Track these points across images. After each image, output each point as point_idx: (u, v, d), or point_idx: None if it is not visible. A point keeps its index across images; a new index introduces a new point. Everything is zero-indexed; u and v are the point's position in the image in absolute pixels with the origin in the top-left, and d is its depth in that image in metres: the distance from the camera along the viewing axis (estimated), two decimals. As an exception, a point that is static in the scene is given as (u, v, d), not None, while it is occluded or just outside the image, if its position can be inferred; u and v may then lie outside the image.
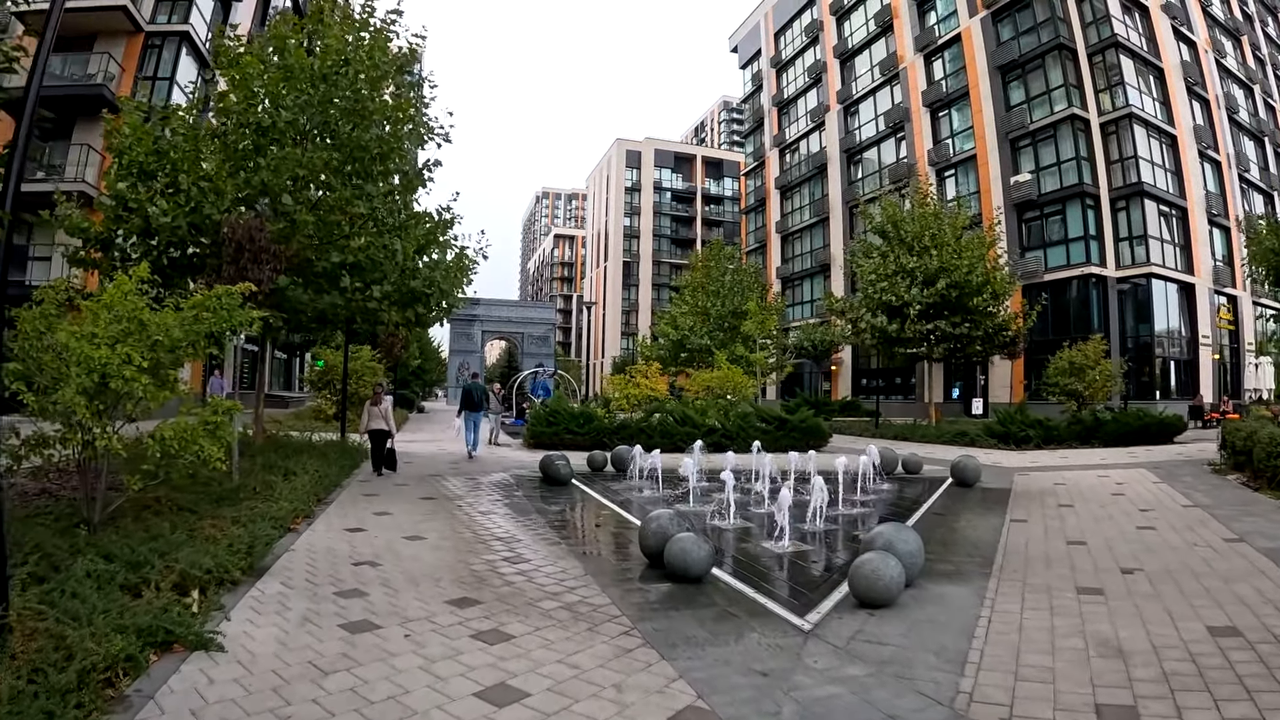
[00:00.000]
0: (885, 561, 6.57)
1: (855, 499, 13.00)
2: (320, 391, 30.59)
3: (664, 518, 8.18)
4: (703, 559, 7.34)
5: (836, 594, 6.88)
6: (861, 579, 6.51)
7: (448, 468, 16.98)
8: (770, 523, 10.08)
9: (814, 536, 9.84)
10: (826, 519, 10.46)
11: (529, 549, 8.74)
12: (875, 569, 6.49)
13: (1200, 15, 47.31)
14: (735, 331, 43.32)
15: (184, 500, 9.25)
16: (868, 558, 6.66)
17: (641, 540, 8.19)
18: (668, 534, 7.72)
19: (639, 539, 8.28)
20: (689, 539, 7.42)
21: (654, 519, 8.20)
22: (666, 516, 8.22)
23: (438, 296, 15.17)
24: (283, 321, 13.88)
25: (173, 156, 12.89)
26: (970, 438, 26.13)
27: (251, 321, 8.30)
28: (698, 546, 7.35)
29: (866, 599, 6.48)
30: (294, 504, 9.92)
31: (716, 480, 12.05)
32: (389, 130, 14.64)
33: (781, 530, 9.08)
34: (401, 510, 10.98)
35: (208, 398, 7.63)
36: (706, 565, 7.39)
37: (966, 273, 29.51)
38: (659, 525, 8.05)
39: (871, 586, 6.45)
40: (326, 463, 13.93)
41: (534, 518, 10.93)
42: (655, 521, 8.13)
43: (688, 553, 7.27)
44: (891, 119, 51.61)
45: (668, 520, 8.13)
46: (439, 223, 15.50)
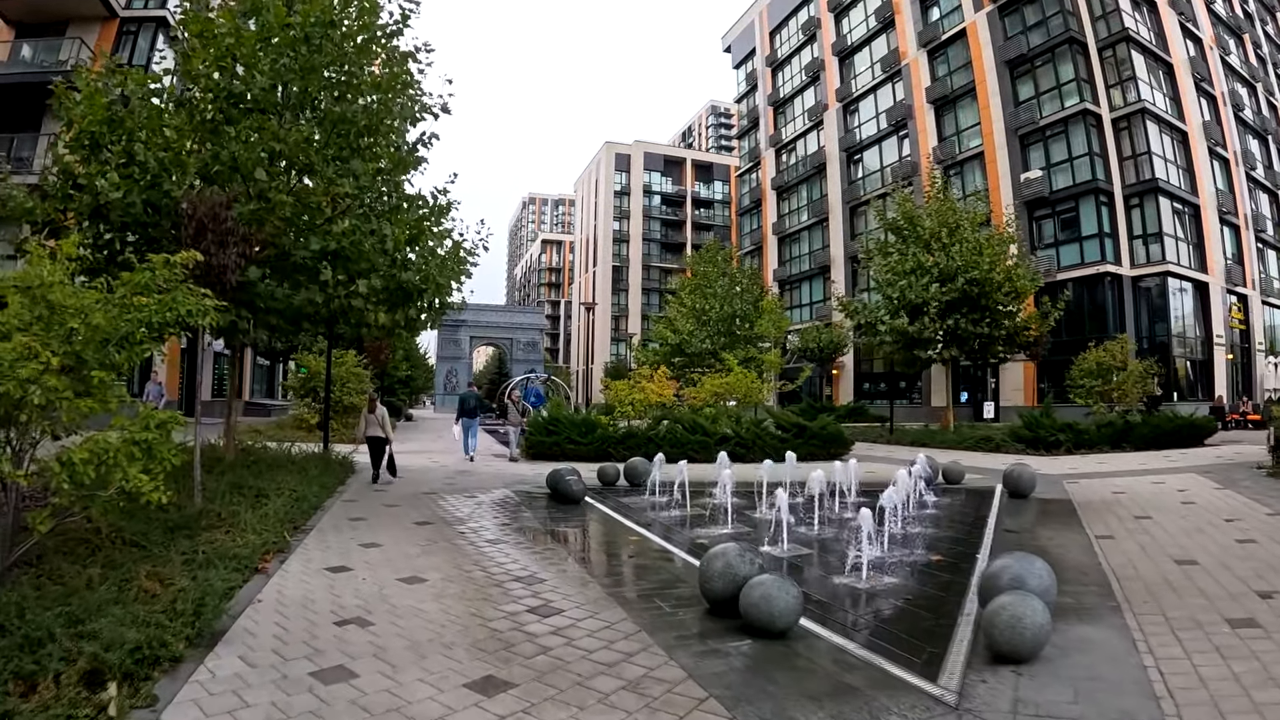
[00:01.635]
0: (1027, 605, 5.36)
1: (911, 515, 11.65)
2: (302, 400, 28.53)
3: (731, 554, 6.59)
4: (791, 608, 5.85)
5: (959, 644, 5.71)
6: (1003, 627, 5.31)
7: (442, 483, 15.19)
8: (827, 547, 9.32)
9: (893, 566, 8.33)
10: (894, 541, 9.34)
11: (557, 593, 7.01)
12: (1017, 615, 5.29)
13: (1205, 12, 46.31)
14: (735, 335, 41.78)
15: (130, 531, 7.52)
16: (1006, 601, 5.43)
17: (704, 582, 6.60)
18: (739, 575, 6.31)
19: (700, 580, 6.68)
20: (772, 583, 5.92)
21: (719, 556, 6.60)
22: (734, 553, 6.61)
23: (432, 293, 13.33)
24: (250, 322, 11.93)
25: (128, 125, 11.06)
26: (995, 443, 24.97)
27: (205, 312, 6.54)
28: (783, 592, 5.85)
29: (1007, 651, 5.30)
30: (264, 535, 8.14)
31: (742, 494, 10.82)
32: (377, 102, 12.88)
33: (858, 560, 7.82)
34: (394, 540, 9.20)
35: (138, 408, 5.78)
36: (795, 615, 5.92)
37: (988, 270, 28.04)
38: (726, 564, 6.49)
39: (1017, 636, 5.26)
40: (306, 480, 12.14)
41: (552, 547, 9.25)
42: (721, 559, 6.56)
43: (772, 601, 5.81)
44: (894, 116, 50.22)
45: (736, 557, 6.55)
46: (434, 208, 13.60)
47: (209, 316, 6.60)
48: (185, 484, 9.93)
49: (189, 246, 9.09)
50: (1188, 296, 40.00)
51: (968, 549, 9.26)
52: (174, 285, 6.29)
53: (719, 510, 11.50)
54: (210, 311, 6.61)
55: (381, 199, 13.19)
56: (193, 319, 6.38)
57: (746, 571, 6.32)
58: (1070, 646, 5.57)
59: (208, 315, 6.58)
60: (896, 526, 10.33)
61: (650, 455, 19.42)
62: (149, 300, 6.03)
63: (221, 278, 9.39)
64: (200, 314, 6.46)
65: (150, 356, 7.89)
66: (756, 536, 10.17)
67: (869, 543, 8.14)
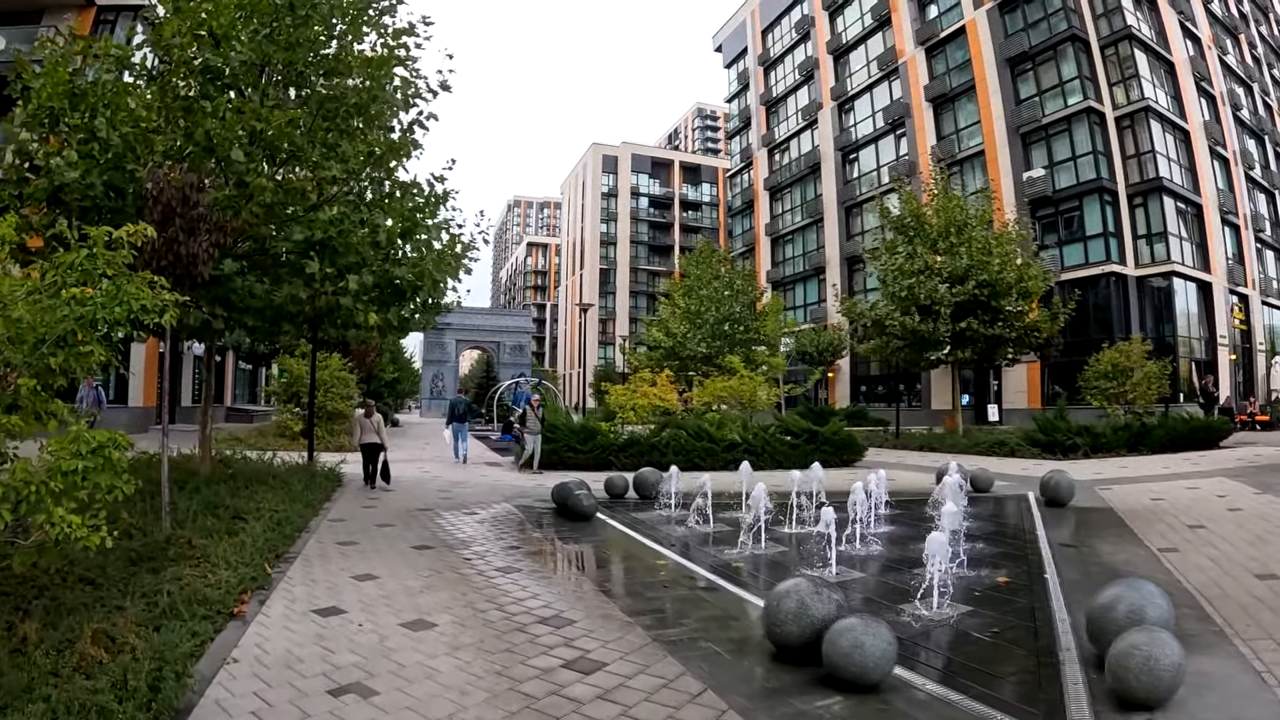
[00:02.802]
0: (1162, 645, 4.66)
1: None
2: (285, 405, 27.08)
3: (805, 593, 5.58)
4: (885, 656, 4.96)
5: (1074, 687, 4.98)
6: (1137, 670, 4.61)
7: (437, 497, 13.97)
8: (879, 568, 8.68)
9: (960, 590, 7.44)
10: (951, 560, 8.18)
11: (593, 639, 5.86)
12: (1152, 656, 4.60)
13: (1203, 11, 45.70)
14: (731, 338, 40.73)
15: (83, 565, 6.34)
16: (1140, 641, 4.71)
17: (774, 625, 5.60)
18: (815, 617, 5.43)
19: (768, 623, 5.68)
20: (861, 629, 5.00)
21: (790, 595, 5.59)
22: (808, 591, 5.60)
23: (427, 290, 12.10)
24: (225, 321, 10.65)
25: (91, 99, 9.81)
26: (1010, 447, 24.25)
27: (163, 308, 5.35)
28: (876, 638, 4.95)
29: (1143, 697, 4.63)
30: (241, 570, 6.93)
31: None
32: (369, 80, 11.67)
33: (929, 587, 6.89)
34: (391, 570, 7.99)
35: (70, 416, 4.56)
36: (890, 665, 5.03)
37: (998, 271, 27.10)
38: (800, 604, 5.51)
39: (1154, 680, 4.58)
40: (289, 497, 10.92)
41: (573, 576, 8.11)
42: (793, 598, 5.56)
43: (864, 650, 4.92)
44: (891, 115, 49.21)
45: (811, 596, 5.54)
46: (429, 197, 12.35)
47: (169, 314, 5.40)
48: (151, 504, 8.74)
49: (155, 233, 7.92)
50: (1192, 297, 39.34)
51: (1030, 567, 8.54)
52: (121, 272, 5.10)
53: (745, 525, 10.52)
54: (170, 308, 5.41)
55: (373, 186, 11.99)
56: (148, 316, 5.18)
57: (823, 612, 5.43)
58: (1195, 683, 4.89)
59: (166, 312, 5.38)
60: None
61: (654, 463, 18.50)
62: (93, 293, 4.83)
63: (191, 269, 8.20)
64: (156, 310, 5.25)
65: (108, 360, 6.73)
66: (794, 556, 9.38)
67: (929, 564, 7.11)
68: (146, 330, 6.48)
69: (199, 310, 9.80)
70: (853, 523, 9.77)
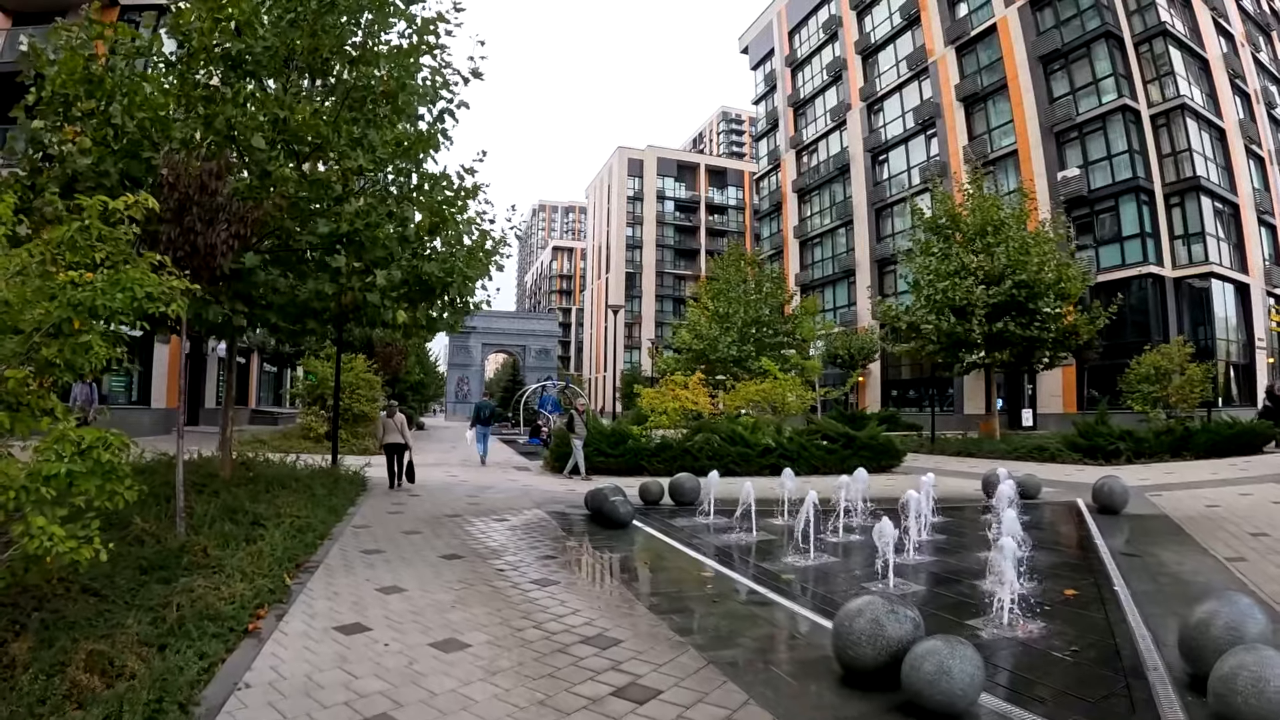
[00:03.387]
0: (1268, 663, 4.18)
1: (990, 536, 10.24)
2: (310, 408, 26.70)
3: (879, 611, 5.10)
4: (974, 682, 4.51)
5: (1170, 711, 4.59)
6: (1244, 693, 4.14)
7: (465, 503, 13.46)
8: (937, 579, 8.20)
9: (1028, 604, 6.82)
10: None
11: (643, 661, 5.31)
12: (1260, 676, 4.14)
13: (1235, 8, 44.83)
14: (761, 341, 40.16)
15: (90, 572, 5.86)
16: (1243, 660, 4.26)
17: (846, 647, 5.10)
18: (891, 638, 4.97)
19: (838, 645, 5.18)
20: (946, 652, 4.53)
21: (862, 614, 5.12)
22: (882, 610, 5.11)
23: (457, 288, 11.58)
24: (247, 318, 10.16)
25: (108, 85, 9.37)
26: (1050, 452, 23.61)
27: (171, 296, 4.85)
28: (962, 662, 4.48)
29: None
30: (258, 582, 6.43)
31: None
32: (396, 69, 11.17)
33: (989, 598, 6.70)
34: (419, 581, 7.47)
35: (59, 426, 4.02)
36: (978, 691, 4.58)
37: (1036, 271, 26.39)
38: (874, 624, 5.05)
39: (1262, 704, 4.09)
40: (312, 502, 10.45)
41: (615, 589, 7.54)
42: (865, 617, 5.08)
43: (951, 676, 4.45)
44: (921, 115, 48.47)
45: (886, 615, 5.07)
46: (459, 190, 11.82)
47: (176, 304, 4.89)
48: (167, 508, 8.29)
49: (168, 222, 7.46)
50: (1229, 298, 38.47)
51: (1097, 578, 8.06)
52: (121, 252, 4.59)
53: (788, 532, 10.31)
54: (178, 297, 4.90)
55: (401, 177, 11.50)
56: (153, 305, 4.67)
57: (899, 633, 4.98)
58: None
59: (174, 302, 4.86)
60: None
61: (687, 468, 17.98)
62: (92, 277, 4.33)
63: (209, 261, 7.72)
64: (164, 298, 4.74)
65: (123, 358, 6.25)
66: (845, 567, 8.91)
67: (999, 577, 6.72)
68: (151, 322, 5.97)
69: (219, 306, 9.34)
70: (905, 532, 9.26)
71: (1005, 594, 6.43)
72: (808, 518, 9.28)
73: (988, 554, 9.25)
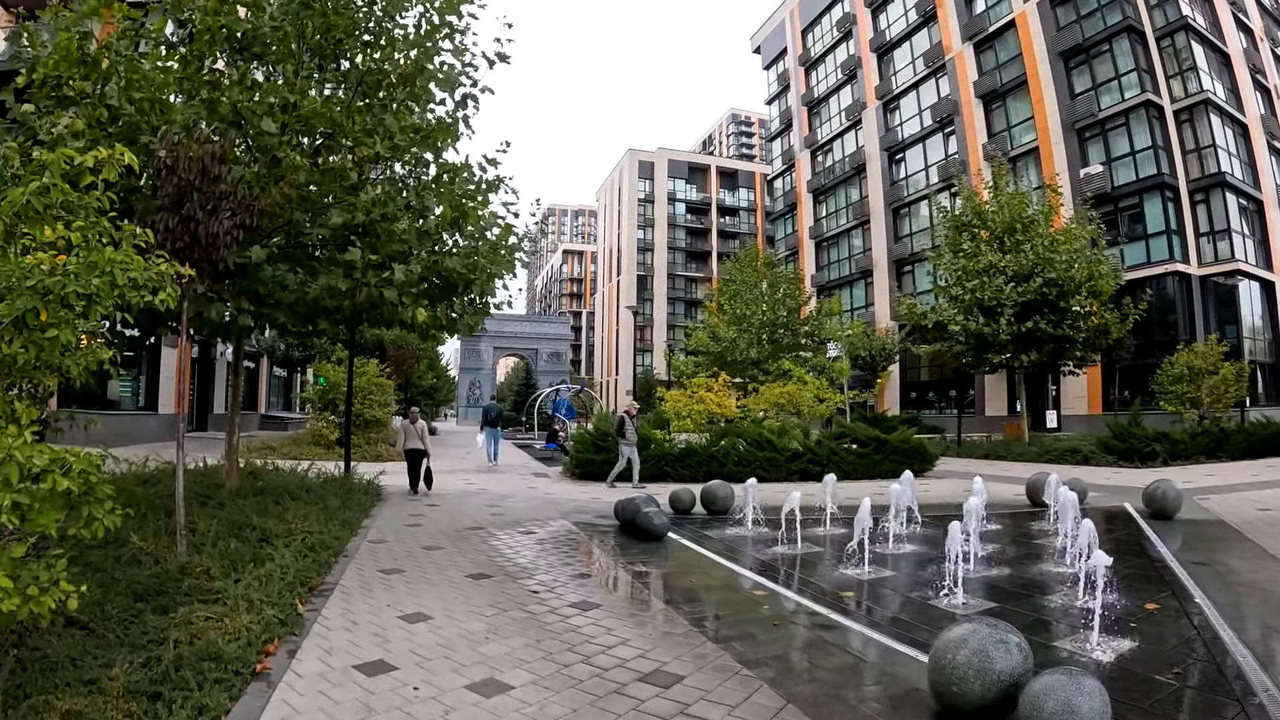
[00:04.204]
0: None
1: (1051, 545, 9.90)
2: (320, 413, 25.96)
3: (987, 641, 4.51)
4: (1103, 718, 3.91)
5: None
6: None
7: (487, 513, 12.71)
8: (1010, 595, 7.55)
9: (1110, 620, 6.17)
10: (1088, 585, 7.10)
11: (713, 702, 4.59)
12: None
13: (1254, 2, 44.02)
14: (779, 343, 39.45)
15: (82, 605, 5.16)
16: None
17: (948, 681, 4.48)
18: (999, 671, 4.37)
19: (936, 680, 4.56)
20: (1068, 686, 3.96)
21: (963, 644, 4.53)
22: (989, 639, 4.52)
23: (480, 285, 10.82)
24: (253, 317, 9.41)
25: (103, 66, 8.66)
26: (1084, 455, 23.36)
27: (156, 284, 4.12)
28: (1088, 696, 3.90)
29: None
30: (266, 612, 5.68)
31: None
32: (415, 54, 10.43)
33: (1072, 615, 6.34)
34: (445, 606, 6.70)
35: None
36: None
37: (1066, 269, 25.63)
38: (980, 654, 4.46)
39: None
40: (325, 516, 9.70)
41: (664, 613, 6.78)
42: (968, 647, 4.50)
43: (1078, 714, 3.86)
44: (939, 113, 47.60)
45: (994, 644, 4.47)
46: (480, 184, 11.04)
47: (164, 293, 4.16)
48: (167, 523, 7.58)
49: (167, 209, 6.75)
50: (1256, 296, 37.74)
51: (1173, 589, 7.61)
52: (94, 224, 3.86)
53: (833, 543, 10.12)
54: (168, 285, 4.17)
55: (419, 166, 10.76)
56: (137, 295, 3.93)
57: (1009, 665, 4.40)
58: None
59: (163, 290, 4.13)
60: (1060, 560, 8.83)
61: (713, 474, 17.42)
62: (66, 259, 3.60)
63: (211, 254, 6.99)
64: (150, 285, 4.01)
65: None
66: (907, 581, 8.34)
67: (1090, 592, 6.26)
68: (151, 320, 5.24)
69: (222, 304, 8.59)
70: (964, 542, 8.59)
71: (1096, 611, 5.87)
72: (865, 527, 8.59)
73: (1050, 566, 8.75)
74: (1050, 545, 9.97)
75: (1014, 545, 10.30)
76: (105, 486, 3.48)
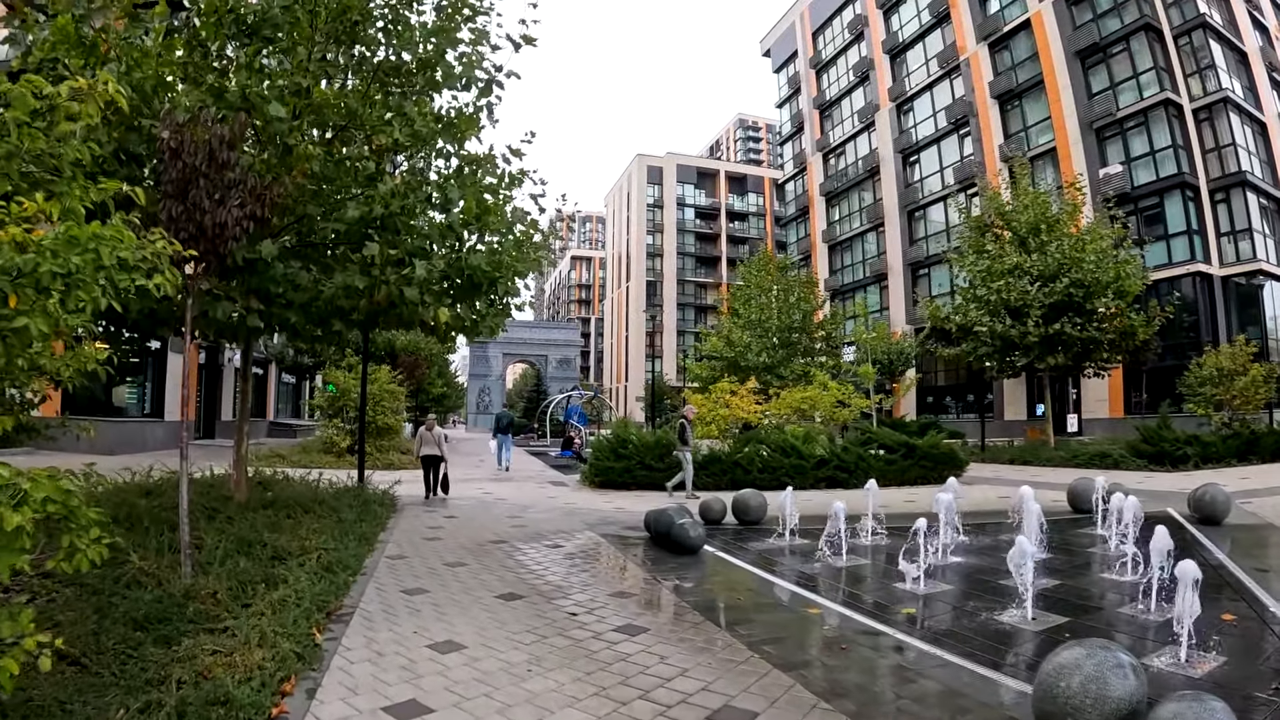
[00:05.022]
0: None
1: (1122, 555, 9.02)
2: (330, 420, 25.30)
3: (1102, 664, 4.13)
4: None
5: None
6: None
7: (509, 525, 12.07)
8: (1081, 608, 7.12)
9: (1196, 636, 5.60)
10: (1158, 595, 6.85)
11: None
12: None
13: (1269, 1, 43.48)
14: (793, 347, 38.82)
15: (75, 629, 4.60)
16: None
17: (1060, 713, 4.12)
18: (1120, 698, 3.96)
19: (1042, 710, 4.17)
20: (1200, 714, 3.57)
21: (1078, 669, 4.14)
22: (1106, 661, 4.10)
23: (505, 284, 10.16)
24: (263, 318, 8.74)
25: (101, 48, 8.04)
26: (1114, 459, 22.91)
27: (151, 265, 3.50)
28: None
29: None
30: (281, 646, 5.03)
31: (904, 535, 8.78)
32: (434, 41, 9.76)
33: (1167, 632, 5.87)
34: (480, 633, 6.04)
35: None
36: None
37: (1094, 269, 24.98)
38: (1095, 679, 4.03)
39: None
40: (340, 530, 9.07)
41: (718, 638, 6.10)
42: (1082, 672, 4.07)
43: None
44: (953, 114, 47.02)
45: (1110, 667, 4.08)
46: (502, 176, 10.33)
47: (161, 277, 3.54)
48: (171, 539, 6.98)
49: (171, 197, 6.16)
50: (1277, 296, 36.94)
51: (1240, 598, 7.36)
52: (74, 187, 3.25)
53: (877, 553, 9.77)
54: (165, 267, 3.55)
55: (440, 159, 10.13)
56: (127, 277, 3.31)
57: (1126, 691, 4.00)
58: None
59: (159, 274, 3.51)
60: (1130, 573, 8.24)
61: (737, 481, 16.87)
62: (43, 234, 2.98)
63: (218, 246, 6.38)
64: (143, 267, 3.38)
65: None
66: (967, 595, 7.73)
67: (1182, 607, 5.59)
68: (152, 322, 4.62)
69: (230, 303, 7.96)
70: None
71: (1187, 624, 5.47)
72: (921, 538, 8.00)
73: (1110, 575, 8.38)
74: (1104, 554, 9.61)
75: (1067, 554, 9.81)
76: (89, 511, 2.87)
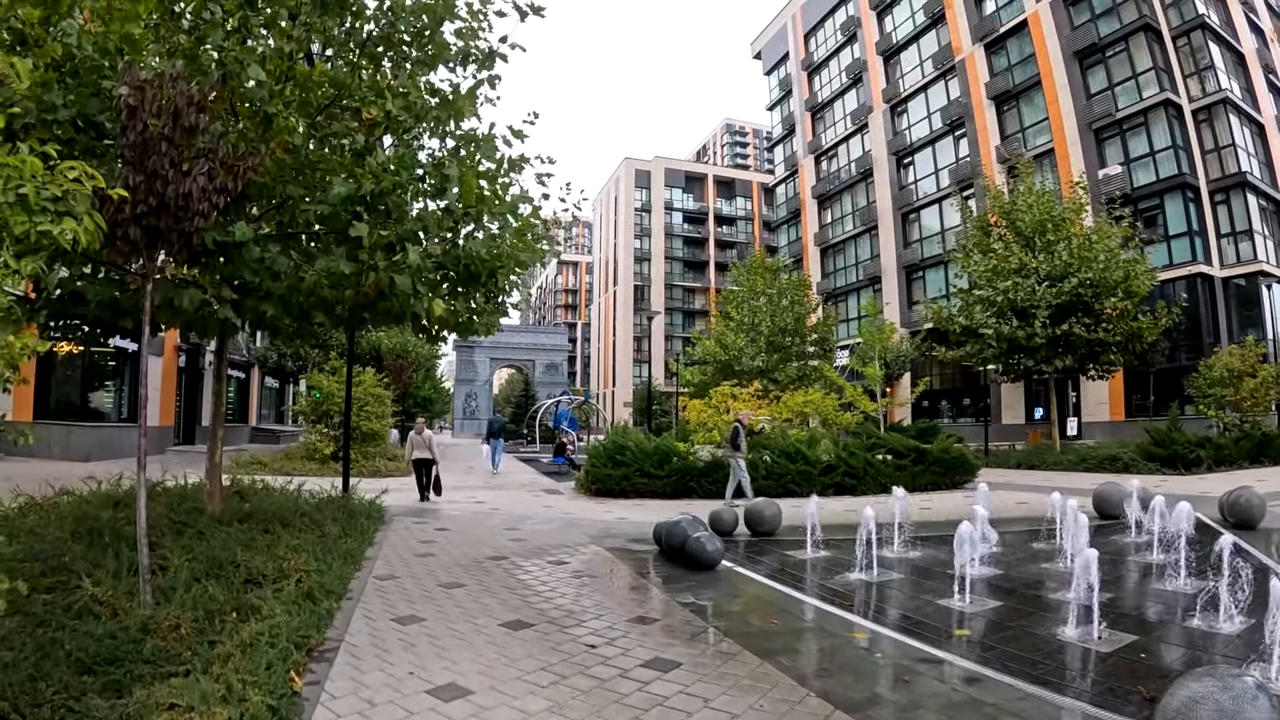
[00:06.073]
0: None
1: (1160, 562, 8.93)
2: (314, 425, 24.26)
3: (1240, 696, 3.61)
4: None
5: None
6: None
7: (507, 539, 11.16)
8: (1142, 628, 6.51)
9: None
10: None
11: None
12: None
13: (1263, 3, 43.33)
14: (787, 350, 38.06)
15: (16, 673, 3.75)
16: None
17: None
18: None
19: None
20: None
21: (1208, 701, 3.63)
22: (1245, 692, 3.63)
23: (506, 274, 9.27)
24: (235, 309, 7.58)
25: (63, 7, 7.13)
26: (1124, 462, 22.59)
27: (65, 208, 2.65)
28: None
29: None
30: (250, 700, 4.10)
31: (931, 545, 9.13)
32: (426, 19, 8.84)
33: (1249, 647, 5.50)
34: (488, 672, 5.13)
35: None
36: None
37: (1103, 269, 24.41)
38: (1227, 714, 3.52)
39: None
40: (323, 547, 8.13)
41: (761, 672, 5.23)
42: (1214, 704, 3.59)
43: None
44: (949, 115, 46.47)
45: (1248, 699, 3.58)
46: (502, 160, 9.26)
47: (75, 225, 2.69)
48: (131, 559, 6.10)
49: (129, 164, 5.28)
50: (1278, 299, 36.50)
51: None
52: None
53: (907, 567, 9.16)
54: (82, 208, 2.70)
55: (435, 138, 9.23)
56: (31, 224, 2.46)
57: None
58: None
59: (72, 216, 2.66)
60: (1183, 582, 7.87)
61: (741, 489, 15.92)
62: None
63: (182, 221, 5.50)
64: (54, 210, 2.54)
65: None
66: (1021, 612, 7.13)
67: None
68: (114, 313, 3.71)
69: (197, 290, 7.02)
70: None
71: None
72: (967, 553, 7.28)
73: (1163, 585, 7.97)
74: (1149, 562, 9.05)
75: (1111, 565, 9.02)
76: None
